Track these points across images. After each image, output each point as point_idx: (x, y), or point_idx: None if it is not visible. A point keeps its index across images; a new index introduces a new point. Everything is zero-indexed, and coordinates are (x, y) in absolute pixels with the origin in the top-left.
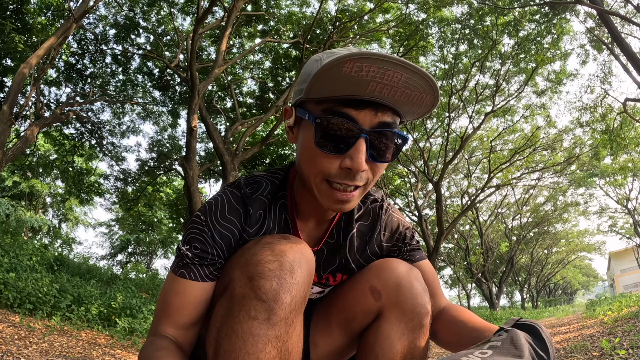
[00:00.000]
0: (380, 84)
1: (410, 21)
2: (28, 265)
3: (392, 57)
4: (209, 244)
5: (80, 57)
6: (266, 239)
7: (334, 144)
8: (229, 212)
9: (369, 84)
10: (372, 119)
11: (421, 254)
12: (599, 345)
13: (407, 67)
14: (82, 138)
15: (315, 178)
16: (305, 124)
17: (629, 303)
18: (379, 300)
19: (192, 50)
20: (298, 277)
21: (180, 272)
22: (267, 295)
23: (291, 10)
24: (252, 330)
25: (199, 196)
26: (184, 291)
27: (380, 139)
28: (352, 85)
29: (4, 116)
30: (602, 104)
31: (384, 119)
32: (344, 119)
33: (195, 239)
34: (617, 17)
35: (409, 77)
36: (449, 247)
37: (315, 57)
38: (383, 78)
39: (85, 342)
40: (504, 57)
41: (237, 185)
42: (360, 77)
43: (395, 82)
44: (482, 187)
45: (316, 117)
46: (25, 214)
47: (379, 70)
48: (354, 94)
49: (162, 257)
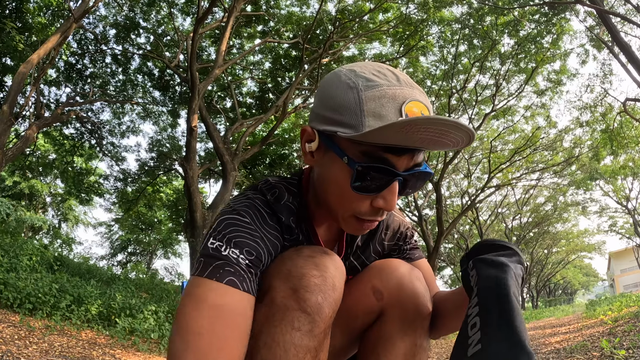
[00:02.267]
0: (427, 140)
1: (410, 21)
2: (28, 265)
3: (450, 120)
4: (263, 251)
5: (80, 57)
6: (306, 251)
7: (369, 186)
8: (269, 218)
9: (418, 140)
10: (409, 162)
11: (419, 253)
12: (599, 345)
13: (460, 127)
14: (82, 138)
15: (343, 213)
16: (335, 159)
17: (629, 303)
18: (380, 301)
19: (192, 50)
20: (338, 292)
21: (228, 280)
22: (311, 309)
23: (291, 10)
24: (294, 340)
25: (199, 196)
26: (235, 306)
27: (411, 179)
28: (402, 139)
29: (3, 116)
30: (602, 104)
31: (418, 160)
32: (385, 165)
33: (248, 243)
34: (617, 17)
35: (458, 134)
36: (449, 247)
37: (349, 82)
38: (436, 135)
39: (85, 342)
40: (503, 57)
41: (261, 191)
42: (412, 135)
43: (445, 138)
44: (482, 187)
45: (357, 163)
46: (25, 214)
47: (435, 129)
48: (401, 144)
49: (162, 257)
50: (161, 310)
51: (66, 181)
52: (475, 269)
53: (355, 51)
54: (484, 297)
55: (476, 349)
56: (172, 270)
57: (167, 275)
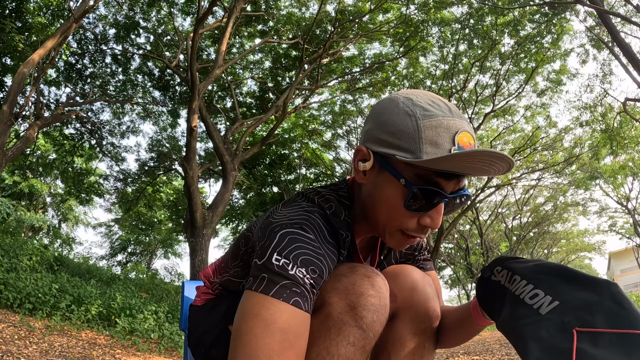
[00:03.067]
0: (481, 170)
1: (410, 22)
2: (28, 265)
3: (499, 154)
4: (325, 269)
5: (80, 57)
6: (361, 269)
7: (420, 206)
8: (329, 234)
9: (469, 169)
10: (455, 186)
11: (431, 265)
12: None
13: (505, 159)
14: (82, 138)
15: (391, 228)
16: (391, 179)
17: None
18: (394, 302)
19: (192, 50)
20: (387, 313)
21: (295, 301)
22: (367, 326)
23: (291, 11)
24: (348, 354)
25: (199, 196)
26: (301, 329)
27: (455, 201)
28: (454, 166)
29: (3, 116)
30: (602, 103)
31: (462, 185)
32: (436, 188)
33: (313, 262)
34: (617, 17)
35: (500, 163)
36: (449, 247)
37: (407, 109)
38: (487, 165)
39: (85, 342)
40: (504, 57)
41: (319, 204)
42: (464, 163)
43: (488, 167)
44: (482, 187)
45: (414, 185)
46: (25, 214)
47: (484, 159)
48: (452, 170)
49: (162, 257)
50: (161, 310)
51: (66, 181)
52: (505, 269)
53: (355, 51)
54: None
55: (553, 305)
56: (172, 270)
57: (167, 275)
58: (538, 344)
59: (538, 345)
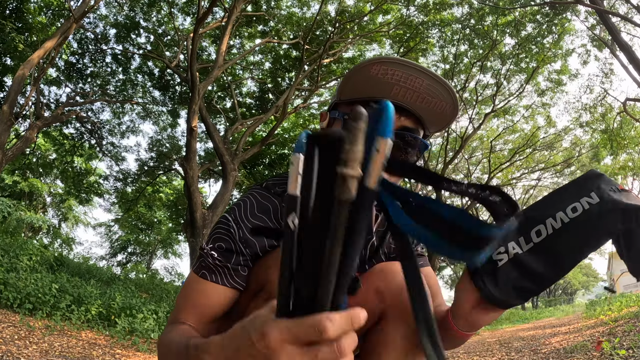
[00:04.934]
0: (403, 88)
1: (410, 23)
2: (28, 265)
3: (416, 64)
4: (236, 244)
5: (81, 57)
6: None
7: None
8: (258, 210)
9: (394, 87)
10: (395, 122)
11: (425, 261)
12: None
13: (429, 75)
14: (82, 138)
15: None
16: (337, 124)
17: (629, 303)
18: (382, 302)
19: (192, 50)
20: None
21: (202, 273)
22: None
23: (291, 11)
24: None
25: (199, 196)
26: (205, 291)
27: (401, 141)
28: (378, 87)
29: (4, 116)
30: (602, 104)
31: (406, 124)
32: None
33: (221, 238)
34: (617, 17)
35: (430, 85)
36: None
37: None
38: (407, 82)
39: (85, 342)
40: (504, 57)
41: (265, 186)
42: (386, 80)
43: (417, 87)
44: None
45: (344, 113)
46: (25, 214)
47: (403, 74)
48: (381, 96)
49: (162, 257)
50: (161, 310)
51: (66, 181)
52: None
53: (355, 52)
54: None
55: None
56: (172, 270)
57: (167, 275)
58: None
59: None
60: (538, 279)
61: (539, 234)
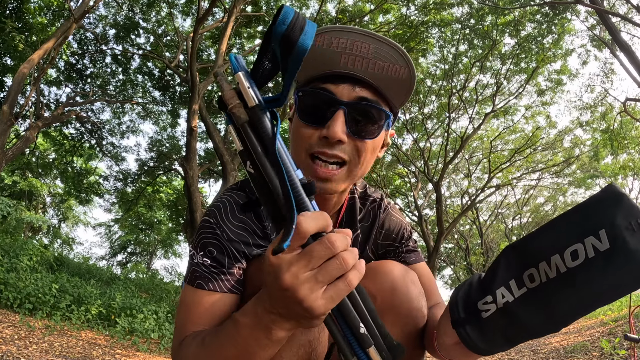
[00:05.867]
0: (351, 56)
1: (410, 23)
2: (28, 265)
3: (356, 29)
4: (224, 247)
5: (81, 57)
6: None
7: (315, 116)
8: (239, 212)
9: (341, 57)
10: (351, 92)
11: (417, 257)
12: (599, 345)
13: (372, 37)
14: (82, 138)
15: (300, 154)
16: (293, 108)
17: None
18: (373, 304)
19: (192, 50)
20: None
21: (197, 284)
22: None
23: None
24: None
25: (199, 196)
26: (205, 301)
27: (359, 113)
28: (327, 60)
29: (4, 116)
30: (603, 103)
31: (363, 94)
32: (323, 92)
33: (210, 242)
34: (617, 17)
35: (377, 47)
36: (449, 247)
37: None
38: (352, 49)
39: (85, 342)
40: (504, 57)
41: (241, 186)
42: (331, 49)
43: (364, 53)
44: (482, 187)
45: (299, 91)
46: (25, 213)
47: (347, 41)
48: (331, 68)
49: (162, 257)
50: (161, 310)
51: (66, 181)
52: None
53: None
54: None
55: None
56: (172, 270)
57: (167, 275)
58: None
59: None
60: (531, 330)
61: (532, 280)
